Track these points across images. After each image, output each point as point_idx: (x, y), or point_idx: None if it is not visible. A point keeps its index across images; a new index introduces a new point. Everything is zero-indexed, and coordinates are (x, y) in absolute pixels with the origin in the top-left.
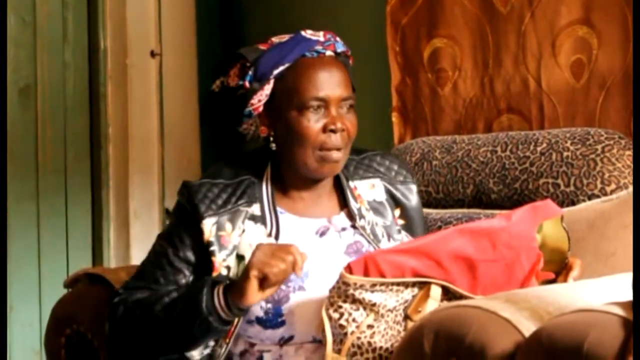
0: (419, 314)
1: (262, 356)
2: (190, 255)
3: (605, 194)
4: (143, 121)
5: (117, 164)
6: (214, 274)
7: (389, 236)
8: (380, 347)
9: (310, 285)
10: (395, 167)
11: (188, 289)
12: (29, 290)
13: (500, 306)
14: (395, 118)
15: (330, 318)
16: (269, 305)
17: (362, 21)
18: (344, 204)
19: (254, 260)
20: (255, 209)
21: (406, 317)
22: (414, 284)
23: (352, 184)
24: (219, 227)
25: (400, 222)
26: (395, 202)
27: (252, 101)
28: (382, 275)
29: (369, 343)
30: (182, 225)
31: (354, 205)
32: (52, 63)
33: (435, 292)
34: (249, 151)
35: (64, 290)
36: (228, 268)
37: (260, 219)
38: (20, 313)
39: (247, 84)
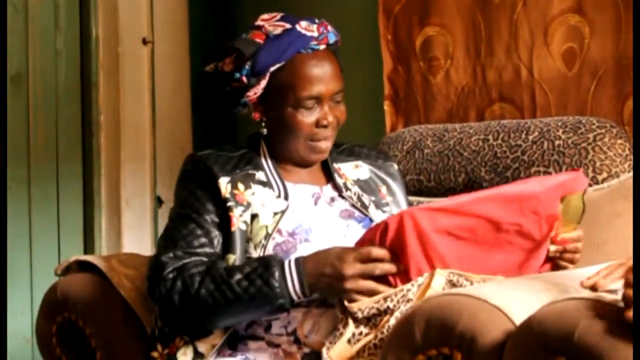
0: None
1: (271, 324)
2: (214, 217)
3: (597, 183)
4: (135, 109)
5: (108, 152)
6: (232, 228)
7: (377, 206)
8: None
9: (315, 238)
10: (374, 153)
11: (256, 269)
12: (20, 278)
13: (491, 294)
14: (387, 106)
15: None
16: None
17: (354, 9)
18: (330, 179)
19: (345, 285)
20: (260, 175)
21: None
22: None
23: (335, 165)
24: (233, 185)
25: (389, 198)
26: (380, 180)
27: (249, 93)
28: (420, 232)
29: None
30: (199, 188)
31: (339, 180)
32: (43, 51)
33: (438, 282)
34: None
35: (55, 278)
36: (245, 223)
37: (267, 184)
38: (11, 301)
39: (244, 78)
